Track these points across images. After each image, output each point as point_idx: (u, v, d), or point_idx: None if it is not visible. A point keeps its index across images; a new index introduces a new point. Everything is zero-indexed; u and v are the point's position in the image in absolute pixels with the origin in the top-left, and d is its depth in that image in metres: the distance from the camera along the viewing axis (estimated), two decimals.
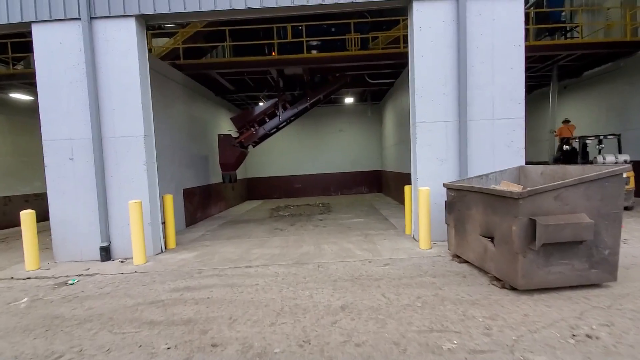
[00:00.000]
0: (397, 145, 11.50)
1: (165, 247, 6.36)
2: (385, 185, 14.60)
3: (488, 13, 5.52)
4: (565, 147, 8.89)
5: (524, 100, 5.59)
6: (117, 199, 5.80)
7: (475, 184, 4.80)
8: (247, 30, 10.58)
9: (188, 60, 9.18)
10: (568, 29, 9.78)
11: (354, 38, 9.42)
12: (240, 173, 14.55)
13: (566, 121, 10.24)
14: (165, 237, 6.41)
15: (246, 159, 15.15)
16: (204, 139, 10.71)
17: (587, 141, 8.37)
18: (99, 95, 5.75)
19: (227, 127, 12.22)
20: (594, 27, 9.94)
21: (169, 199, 6.48)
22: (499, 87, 5.58)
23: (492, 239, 3.83)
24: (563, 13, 10.14)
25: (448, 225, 4.82)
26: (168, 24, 11.28)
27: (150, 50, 9.74)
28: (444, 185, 4.79)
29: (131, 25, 5.71)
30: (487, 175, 4.93)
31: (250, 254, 5.64)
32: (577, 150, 9.02)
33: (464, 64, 5.47)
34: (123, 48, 5.72)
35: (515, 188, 3.99)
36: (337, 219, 8.75)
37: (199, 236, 7.47)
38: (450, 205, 4.73)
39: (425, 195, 5.25)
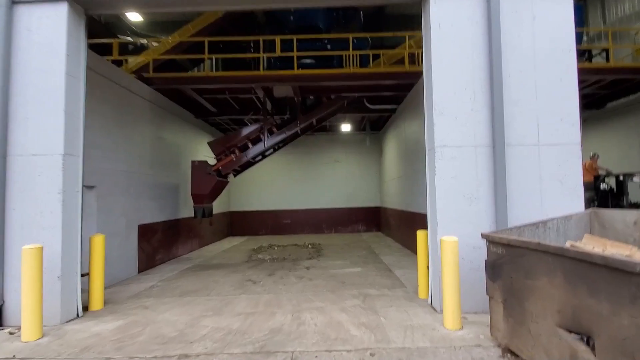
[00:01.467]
0: (400, 179, 10.03)
1: (87, 309, 4.60)
2: (385, 224, 12.96)
3: (527, 10, 4.26)
4: (602, 185, 7.46)
5: (579, 122, 4.18)
6: (18, 241, 4.12)
7: (529, 236, 3.24)
8: (234, 44, 9.47)
9: (158, 74, 7.88)
10: (594, 52, 8.73)
11: (353, 55, 8.25)
12: (223, 206, 12.91)
13: (594, 156, 8.88)
14: (89, 294, 4.68)
15: (229, 191, 13.59)
16: (176, 166, 9.18)
17: (635, 179, 6.95)
18: (10, 100, 4.26)
19: (206, 153, 10.75)
20: (621, 52, 8.92)
21: (98, 241, 4.80)
22: (545, 103, 4.19)
23: (585, 337, 2.21)
24: (584, 39, 9.15)
25: (491, 297, 3.19)
26: (115, 16, 10.20)
27: (120, 63, 8.49)
28: (484, 236, 3.21)
29: (62, 11, 4.35)
30: (544, 222, 3.37)
31: (198, 326, 3.89)
32: (614, 189, 7.60)
33: (499, 72, 4.11)
34: (49, 41, 4.32)
35: (624, 250, 2.42)
36: (327, 268, 7.03)
37: (145, 289, 5.69)
38: (494, 268, 3.12)
39: (451, 250, 3.65)
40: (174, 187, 9.04)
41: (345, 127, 13.08)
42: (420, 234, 4.73)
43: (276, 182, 14.01)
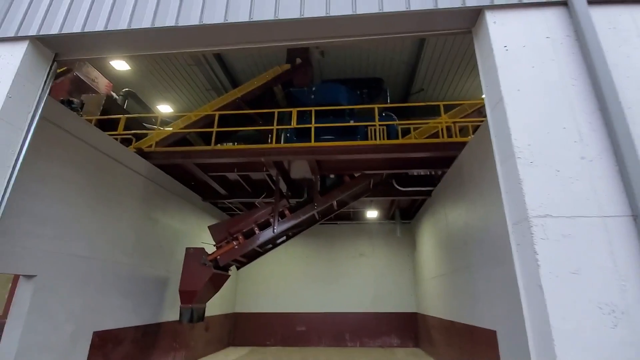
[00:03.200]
0: (444, 278, 7.86)
1: None
2: (425, 338, 10.10)
3: (627, 22, 2.99)
4: None
5: None
6: None
7: None
8: (249, 123, 8.87)
9: (158, 148, 7.07)
10: None
11: (379, 129, 7.21)
12: (226, 305, 10.81)
13: None
14: None
15: (235, 287, 11.61)
16: (169, 255, 7.68)
17: None
18: None
19: (210, 241, 9.30)
20: None
21: None
22: None
23: None
24: None
25: None
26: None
27: (129, 142, 7.88)
28: None
29: (19, 50, 3.58)
30: None
31: None
32: None
33: (614, 98, 2.63)
34: None
35: None
36: None
37: None
38: None
39: None
40: (162, 280, 7.37)
41: (372, 214, 11.48)
42: None
43: (290, 278, 11.96)
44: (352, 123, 7.43)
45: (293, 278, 11.95)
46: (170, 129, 8.48)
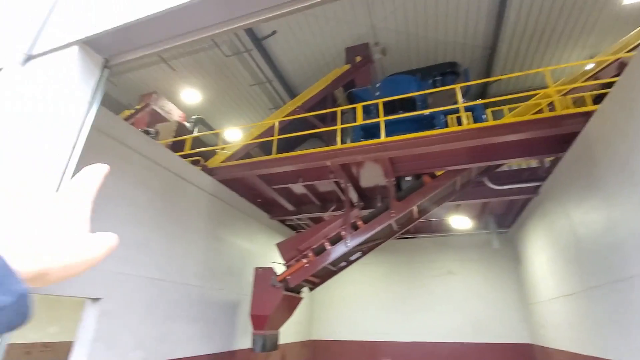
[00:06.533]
0: (572, 298, 5.97)
1: None
2: None
3: None
4: None
5: None
6: None
7: None
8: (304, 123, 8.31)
9: (224, 163, 6.80)
10: None
11: (464, 115, 5.96)
12: (302, 332, 10.01)
13: None
14: None
15: (311, 311, 10.81)
16: (238, 276, 7.25)
17: None
18: None
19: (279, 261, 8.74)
20: None
21: None
22: None
23: None
24: None
25: None
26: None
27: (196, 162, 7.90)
28: None
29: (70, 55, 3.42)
30: None
31: None
32: None
33: None
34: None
35: None
36: None
37: None
38: None
39: None
40: (233, 304, 6.91)
41: (458, 223, 9.81)
42: None
43: (368, 301, 10.74)
44: (427, 111, 6.32)
45: (371, 301, 10.71)
46: (229, 147, 8.35)
